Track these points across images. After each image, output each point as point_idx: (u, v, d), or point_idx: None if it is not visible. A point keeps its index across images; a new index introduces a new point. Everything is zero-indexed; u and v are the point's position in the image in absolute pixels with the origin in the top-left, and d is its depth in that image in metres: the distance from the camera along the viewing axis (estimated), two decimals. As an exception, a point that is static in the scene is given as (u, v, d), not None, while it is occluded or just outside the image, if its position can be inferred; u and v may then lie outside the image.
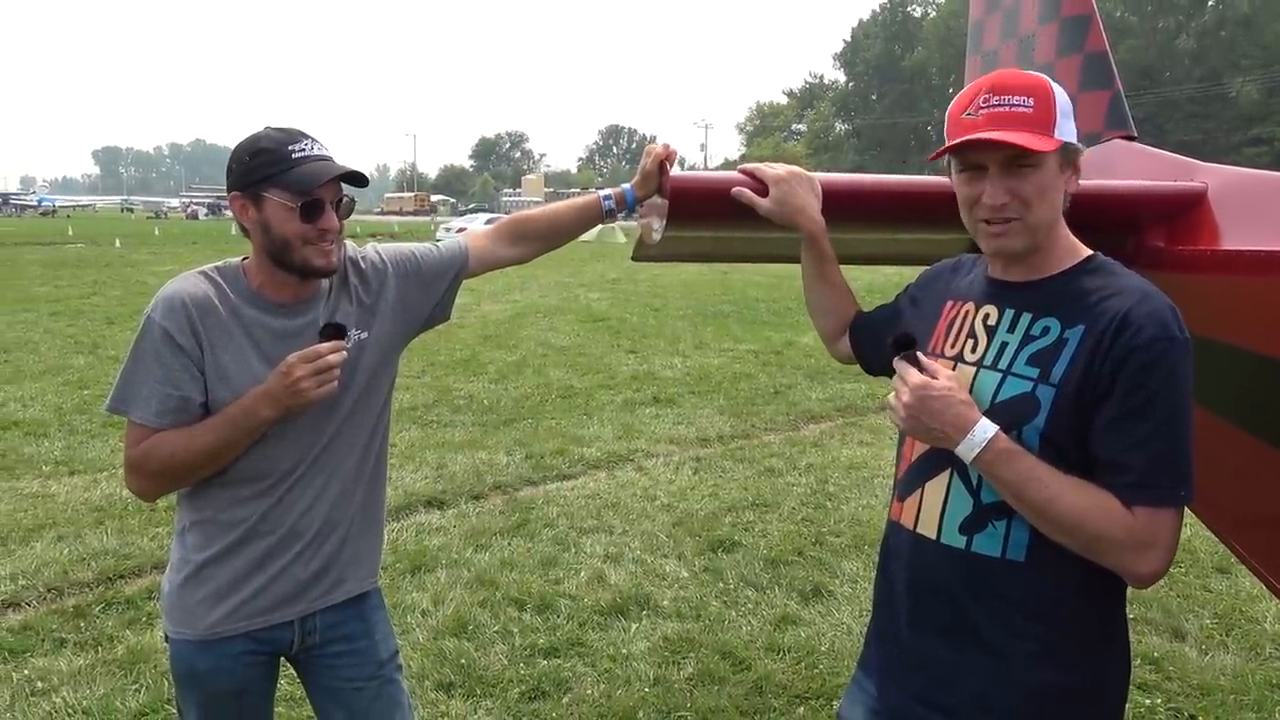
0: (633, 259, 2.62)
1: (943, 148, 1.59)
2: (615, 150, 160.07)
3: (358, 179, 1.92)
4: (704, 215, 2.17)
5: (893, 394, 1.57)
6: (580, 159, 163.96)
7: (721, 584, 4.58)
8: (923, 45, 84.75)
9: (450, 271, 2.16)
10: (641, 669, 3.74)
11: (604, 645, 3.94)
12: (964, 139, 1.52)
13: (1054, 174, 1.53)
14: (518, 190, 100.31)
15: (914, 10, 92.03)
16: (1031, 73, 1.57)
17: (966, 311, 1.68)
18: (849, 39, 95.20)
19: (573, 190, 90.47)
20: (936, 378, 1.52)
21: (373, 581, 2.14)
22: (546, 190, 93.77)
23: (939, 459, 1.60)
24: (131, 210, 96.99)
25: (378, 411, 2.07)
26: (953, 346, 1.66)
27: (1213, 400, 1.97)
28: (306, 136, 1.87)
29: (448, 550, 4.95)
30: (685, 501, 5.83)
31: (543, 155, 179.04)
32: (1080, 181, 1.62)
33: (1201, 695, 3.62)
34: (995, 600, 1.55)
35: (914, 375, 1.52)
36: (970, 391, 1.56)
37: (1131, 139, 2.79)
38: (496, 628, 4.08)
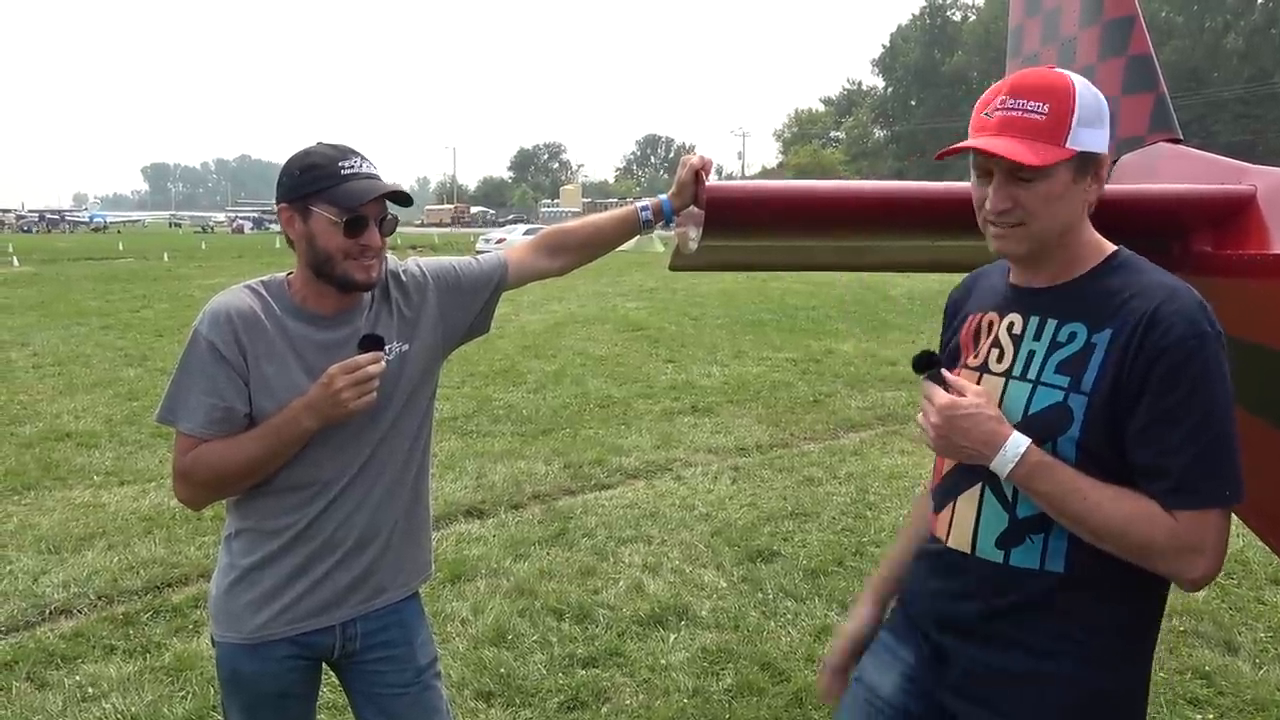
0: (670, 269, 2.63)
1: (947, 149, 1.56)
2: (653, 160, 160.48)
3: (403, 198, 1.96)
4: (740, 225, 2.17)
5: (920, 414, 1.55)
6: (618, 169, 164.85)
7: (760, 594, 4.56)
8: (962, 50, 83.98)
9: (490, 284, 2.18)
10: (680, 679, 3.73)
11: (643, 655, 3.93)
12: (965, 145, 1.50)
13: (1064, 184, 1.47)
14: (556, 201, 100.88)
15: (953, 14, 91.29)
16: (1061, 72, 1.50)
17: (990, 321, 1.65)
18: (888, 44, 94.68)
19: (610, 200, 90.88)
20: (964, 394, 1.49)
21: (414, 589, 2.16)
22: (584, 200, 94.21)
23: (971, 473, 1.58)
24: (179, 225, 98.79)
25: (419, 422, 2.10)
26: (976, 357, 1.63)
27: (1265, 407, 1.92)
28: (356, 154, 1.91)
29: (487, 560, 4.98)
30: (724, 511, 5.81)
31: (580, 165, 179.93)
32: (1112, 186, 1.59)
33: (1255, 711, 3.53)
34: (1037, 611, 1.53)
35: (940, 395, 1.50)
36: (1001, 403, 1.54)
37: (1177, 142, 2.75)
38: (535, 637, 4.09)
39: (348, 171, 1.87)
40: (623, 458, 7.03)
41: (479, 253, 2.33)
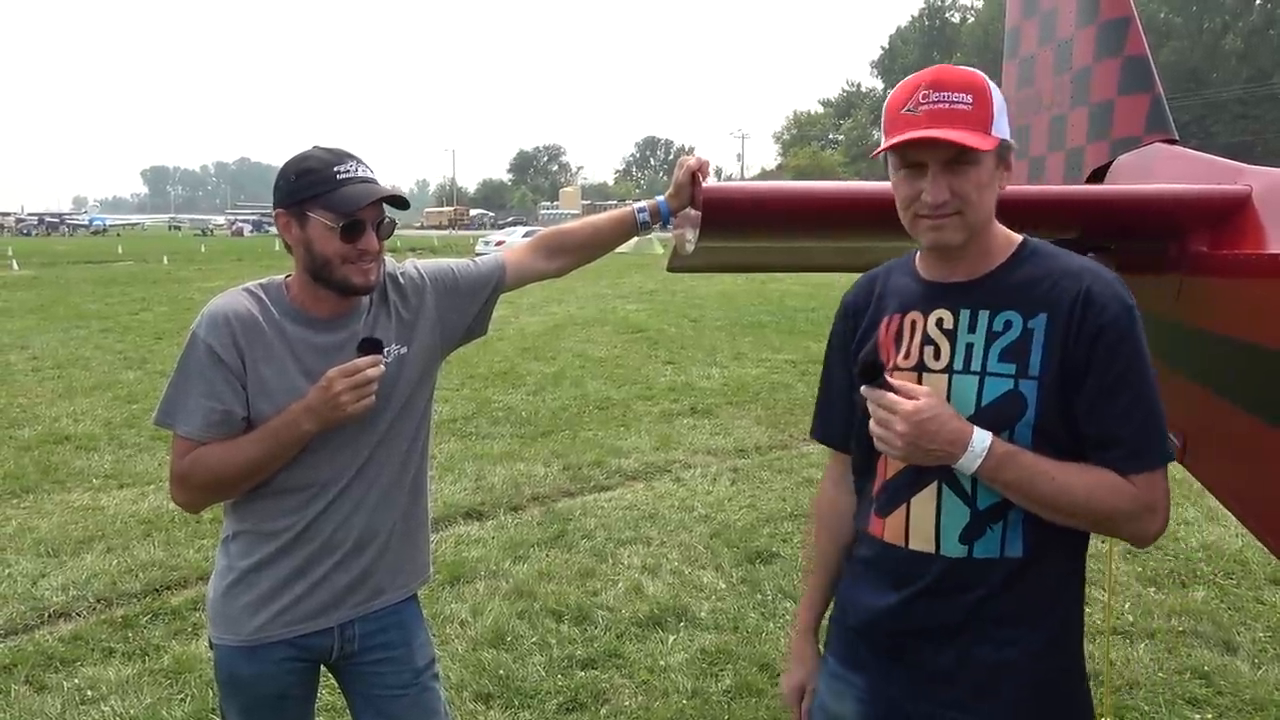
0: (668, 270, 2.63)
1: (885, 145, 1.56)
2: (652, 161, 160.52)
3: (399, 201, 1.96)
4: (737, 226, 2.18)
5: (873, 424, 1.52)
6: (617, 171, 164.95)
7: (759, 595, 4.56)
8: (961, 51, 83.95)
9: (488, 286, 2.18)
10: (679, 681, 3.73)
11: (641, 657, 3.93)
12: (908, 136, 1.50)
13: (990, 172, 1.53)
14: (555, 203, 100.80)
15: (952, 16, 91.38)
16: (968, 69, 1.55)
17: (914, 320, 1.63)
18: (886, 46, 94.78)
19: (610, 202, 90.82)
20: (918, 398, 1.49)
21: (412, 591, 2.16)
22: (584, 203, 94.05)
23: (922, 473, 1.57)
24: (179, 228, 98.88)
25: (417, 424, 2.10)
26: (908, 358, 1.61)
27: (1262, 406, 1.93)
28: (352, 158, 1.91)
29: (486, 561, 4.98)
30: (723, 512, 5.81)
31: (580, 168, 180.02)
32: (1110, 186, 1.60)
33: (1254, 710, 3.53)
34: (1000, 599, 1.56)
35: (903, 402, 1.48)
36: (948, 399, 1.54)
37: (1173, 142, 2.75)
38: (534, 639, 4.09)
39: (343, 176, 1.87)
40: (622, 459, 7.03)
41: (478, 255, 2.33)
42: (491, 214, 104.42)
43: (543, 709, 3.54)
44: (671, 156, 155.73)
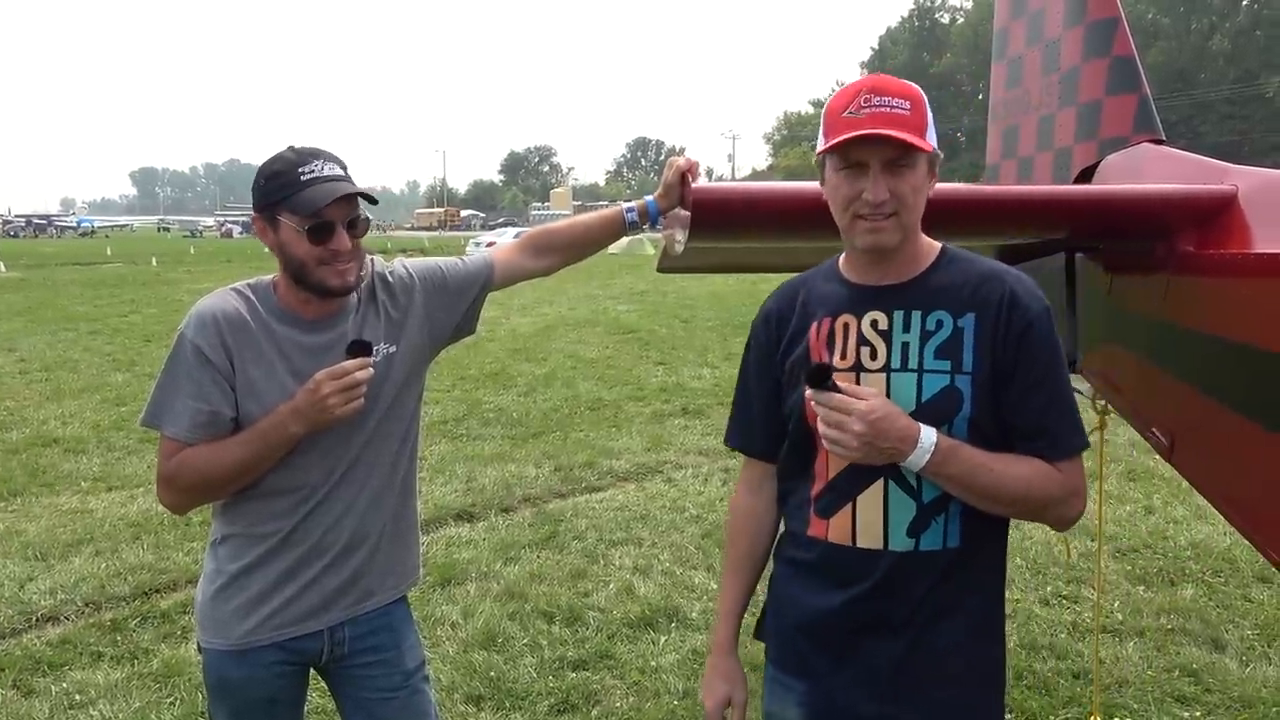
0: (658, 270, 2.64)
1: (831, 143, 1.58)
2: (643, 162, 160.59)
3: (364, 198, 1.92)
4: (726, 226, 2.17)
5: (824, 426, 1.54)
6: (608, 171, 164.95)
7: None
8: (951, 52, 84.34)
9: (476, 285, 2.18)
10: (670, 681, 3.73)
11: (633, 658, 3.93)
12: (858, 133, 1.53)
13: (924, 177, 1.60)
14: (546, 204, 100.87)
15: (942, 17, 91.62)
16: (905, 80, 1.61)
17: (846, 323, 1.66)
18: (876, 46, 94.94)
19: (601, 203, 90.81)
20: (867, 398, 1.52)
21: (402, 593, 2.15)
22: (575, 203, 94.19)
23: (865, 472, 1.60)
24: (168, 230, 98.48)
25: (406, 424, 2.09)
26: (844, 359, 1.64)
27: (1249, 406, 1.94)
28: (320, 156, 1.88)
29: (477, 563, 4.97)
30: (714, 513, 5.80)
31: (571, 169, 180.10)
32: (1097, 186, 1.64)
33: (1242, 707, 3.55)
34: (941, 590, 1.62)
35: (857, 403, 1.51)
36: (889, 397, 1.58)
37: (1160, 142, 2.76)
38: (525, 640, 4.08)
39: (308, 177, 1.84)
40: (613, 460, 7.03)
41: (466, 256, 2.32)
42: (482, 215, 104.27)
43: (534, 710, 3.54)
44: (662, 157, 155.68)
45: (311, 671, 2.13)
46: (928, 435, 1.52)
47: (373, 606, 2.07)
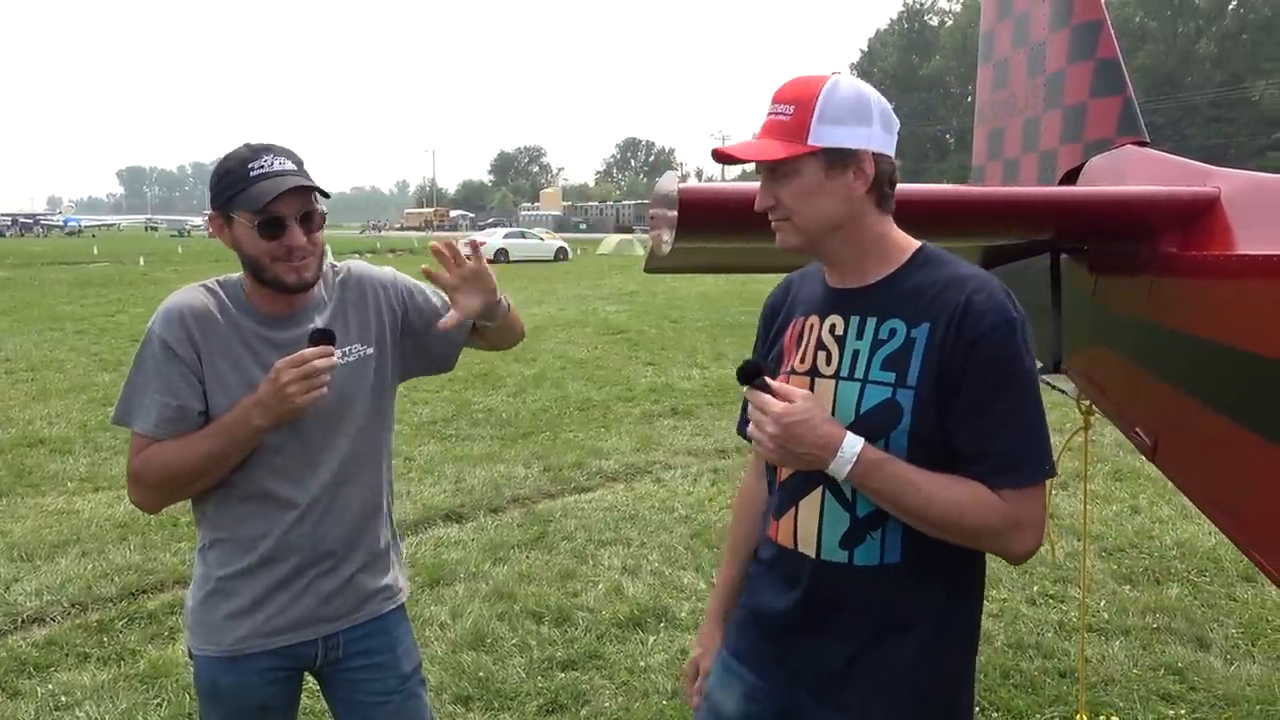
0: (645, 270, 2.64)
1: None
2: (633, 163, 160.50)
3: (317, 192, 1.87)
4: (713, 227, 2.18)
5: (752, 426, 1.54)
6: (598, 172, 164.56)
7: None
8: (940, 54, 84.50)
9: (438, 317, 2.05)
10: (659, 682, 3.74)
11: (622, 658, 3.93)
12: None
13: (816, 179, 1.52)
14: (536, 204, 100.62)
15: (931, 19, 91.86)
16: (820, 76, 1.57)
17: (811, 324, 1.66)
18: (866, 49, 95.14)
19: (590, 204, 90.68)
20: (793, 400, 1.49)
21: (398, 599, 2.13)
22: (565, 204, 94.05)
23: (810, 477, 1.59)
24: (155, 229, 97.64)
25: (387, 428, 2.08)
26: (804, 362, 1.64)
27: (1232, 408, 1.95)
28: (271, 151, 1.85)
29: (466, 563, 4.96)
30: (703, 513, 5.82)
31: (560, 169, 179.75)
32: (1081, 188, 1.62)
33: (1227, 705, 3.57)
34: (879, 605, 1.58)
35: (774, 404, 1.48)
36: (834, 404, 1.56)
37: (1144, 145, 2.78)
38: (514, 640, 4.08)
39: (256, 173, 1.81)
40: (602, 460, 7.03)
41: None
42: (471, 215, 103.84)
43: (523, 710, 3.54)
44: (652, 158, 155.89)
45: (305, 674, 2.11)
46: (851, 445, 1.46)
47: (367, 616, 2.05)
